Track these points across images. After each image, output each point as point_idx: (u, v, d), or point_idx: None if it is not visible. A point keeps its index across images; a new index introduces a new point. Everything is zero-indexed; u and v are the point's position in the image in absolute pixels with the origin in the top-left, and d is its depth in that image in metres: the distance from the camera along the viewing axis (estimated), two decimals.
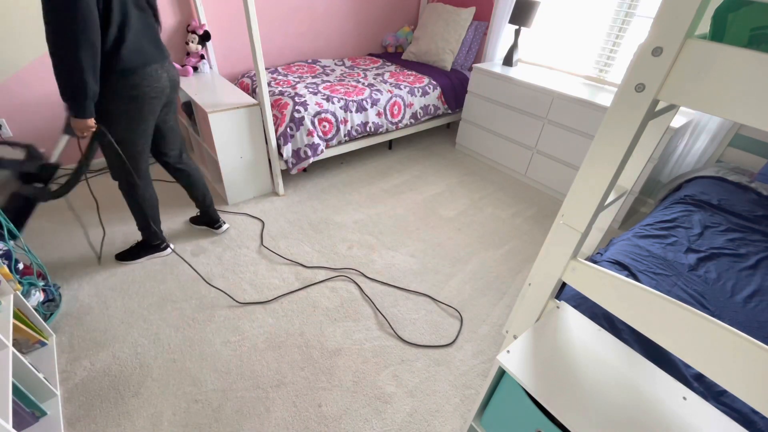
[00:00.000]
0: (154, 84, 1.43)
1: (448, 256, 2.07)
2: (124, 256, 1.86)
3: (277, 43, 2.99)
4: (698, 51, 0.59)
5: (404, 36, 3.54)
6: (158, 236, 1.84)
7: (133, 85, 1.38)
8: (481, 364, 1.54)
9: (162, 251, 1.90)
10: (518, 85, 2.62)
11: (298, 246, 2.06)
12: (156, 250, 1.89)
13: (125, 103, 1.40)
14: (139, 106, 1.43)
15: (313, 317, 1.68)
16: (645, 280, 1.31)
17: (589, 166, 0.78)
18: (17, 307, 1.34)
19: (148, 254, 1.88)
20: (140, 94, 1.41)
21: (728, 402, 0.98)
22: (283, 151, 2.30)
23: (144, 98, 1.43)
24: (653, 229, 1.62)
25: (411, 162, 2.97)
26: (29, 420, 1.18)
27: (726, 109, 0.59)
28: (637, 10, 2.38)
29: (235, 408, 1.34)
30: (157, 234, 1.83)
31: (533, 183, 2.80)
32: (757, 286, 1.36)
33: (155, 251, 1.89)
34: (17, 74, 2.11)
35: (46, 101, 2.25)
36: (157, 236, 1.84)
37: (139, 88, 1.40)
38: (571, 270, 0.89)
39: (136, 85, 1.39)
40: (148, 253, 1.88)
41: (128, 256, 1.86)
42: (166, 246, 1.91)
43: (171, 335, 1.56)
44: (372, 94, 2.58)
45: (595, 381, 0.87)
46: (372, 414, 1.35)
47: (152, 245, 1.87)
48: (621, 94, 0.69)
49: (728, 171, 2.05)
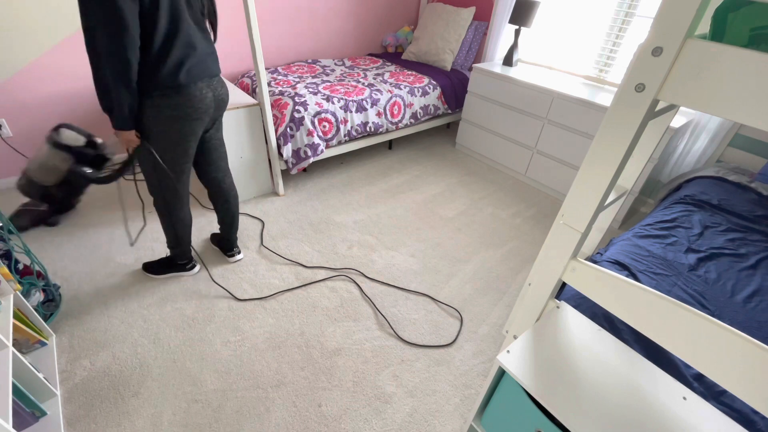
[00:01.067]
0: (197, 105, 1.34)
1: (448, 256, 2.07)
2: (150, 267, 1.80)
3: (277, 43, 2.99)
4: (698, 51, 0.59)
5: (404, 36, 3.54)
6: (186, 256, 1.79)
7: (174, 105, 1.30)
8: (481, 364, 1.54)
9: (187, 271, 1.83)
10: (518, 85, 2.62)
11: (298, 246, 2.06)
12: (181, 269, 1.82)
13: (165, 123, 1.32)
14: (179, 126, 1.35)
15: (313, 317, 1.68)
16: (645, 280, 1.31)
17: (589, 166, 0.78)
18: (17, 307, 1.34)
19: (172, 272, 1.81)
20: (181, 115, 1.33)
21: (728, 402, 0.98)
22: (283, 151, 2.30)
23: (185, 119, 1.34)
24: (653, 229, 1.62)
25: (411, 162, 2.97)
26: (29, 420, 1.18)
27: (726, 109, 0.59)
28: (637, 10, 2.38)
29: (235, 408, 1.34)
30: (185, 254, 1.78)
31: (533, 183, 2.80)
32: (757, 286, 1.36)
33: (180, 270, 1.82)
34: (17, 74, 2.11)
35: (47, 101, 2.25)
36: (184, 255, 1.78)
37: (181, 108, 1.31)
38: (571, 270, 0.89)
39: (178, 106, 1.30)
40: (173, 270, 1.81)
41: (154, 269, 1.80)
42: (192, 266, 1.84)
43: (171, 335, 1.56)
44: (372, 94, 2.58)
45: (595, 381, 0.87)
46: (372, 414, 1.35)
47: (178, 264, 1.80)
48: (621, 94, 0.69)
49: (728, 171, 2.05)
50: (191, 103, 1.33)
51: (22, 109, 2.20)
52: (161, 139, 1.36)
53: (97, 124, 2.47)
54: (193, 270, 1.84)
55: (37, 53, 2.11)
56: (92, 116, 2.43)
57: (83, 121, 2.41)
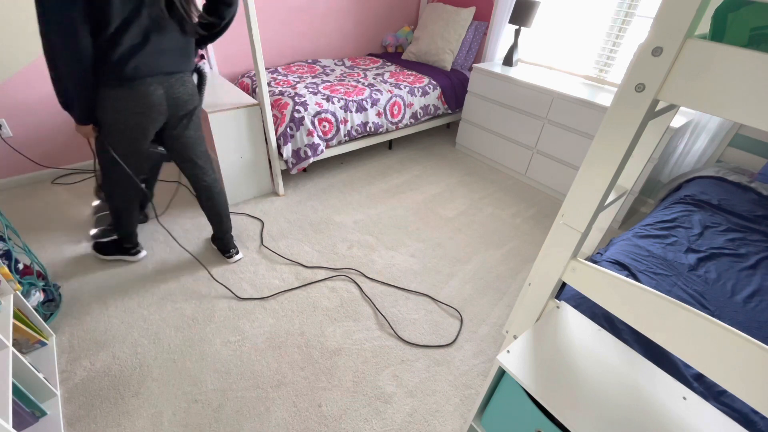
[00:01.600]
0: (143, 101, 1.35)
1: (448, 256, 2.07)
2: (99, 247, 1.86)
3: (277, 43, 2.99)
4: (698, 51, 0.59)
5: (404, 36, 3.54)
6: (131, 241, 1.84)
7: (120, 97, 1.31)
8: (481, 364, 1.54)
9: (131, 255, 1.88)
10: (518, 85, 2.62)
11: (298, 246, 2.06)
12: (126, 252, 1.87)
13: (111, 115, 1.35)
14: (125, 119, 1.37)
15: (313, 317, 1.68)
16: (645, 280, 1.31)
17: (589, 166, 0.78)
18: (17, 307, 1.34)
19: (117, 255, 1.87)
20: (127, 109, 1.34)
21: (728, 402, 0.98)
22: (283, 151, 2.30)
23: (131, 113, 1.36)
24: (653, 229, 1.62)
25: (411, 162, 2.97)
26: (29, 420, 1.18)
27: (726, 109, 0.59)
28: (637, 10, 2.38)
29: (235, 408, 1.34)
30: (131, 239, 1.83)
31: (533, 183, 2.80)
32: (757, 286, 1.36)
33: (125, 254, 1.87)
34: (17, 74, 2.11)
35: (47, 101, 2.25)
36: (130, 240, 1.84)
37: (126, 102, 1.33)
38: (571, 270, 0.89)
39: (123, 99, 1.32)
40: (119, 253, 1.87)
41: (102, 249, 1.86)
42: (137, 251, 1.89)
43: (171, 335, 1.56)
44: (372, 94, 2.58)
45: (595, 381, 0.87)
46: (372, 414, 1.35)
47: (124, 247, 1.85)
48: (621, 94, 0.69)
49: (728, 171, 2.05)
50: (136, 98, 1.33)
51: (22, 109, 2.20)
52: (111, 131, 1.40)
53: None
54: (138, 255, 1.89)
55: (37, 53, 2.11)
56: None
57: None
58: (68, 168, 2.49)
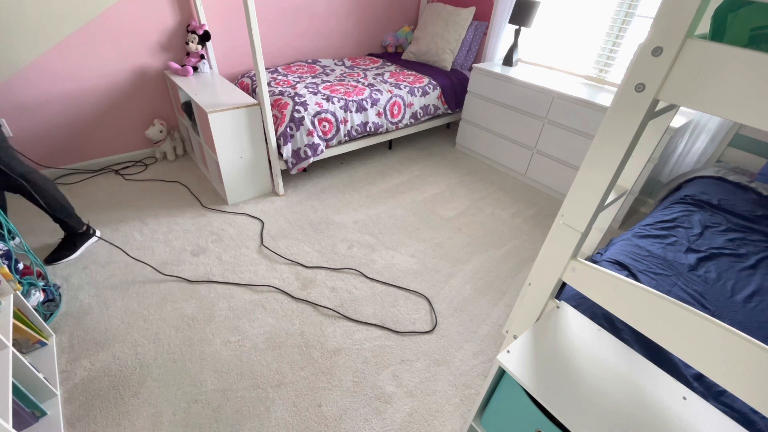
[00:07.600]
0: None
1: (448, 256, 2.07)
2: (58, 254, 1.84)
3: (277, 43, 2.99)
4: (698, 51, 0.59)
5: (404, 36, 3.54)
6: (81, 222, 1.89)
7: None
8: (481, 364, 1.54)
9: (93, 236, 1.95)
10: (518, 85, 2.62)
11: (298, 246, 2.06)
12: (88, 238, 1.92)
13: None
14: None
15: (313, 317, 1.68)
16: (645, 280, 1.31)
17: (589, 166, 0.78)
18: (17, 307, 1.34)
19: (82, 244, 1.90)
20: None
21: (728, 402, 0.98)
22: (283, 151, 2.30)
23: None
24: (653, 229, 1.62)
25: (411, 162, 2.97)
26: (29, 420, 1.18)
27: (726, 109, 0.59)
28: (637, 10, 2.38)
29: (235, 408, 1.34)
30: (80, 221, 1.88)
31: (533, 183, 2.80)
32: (757, 286, 1.36)
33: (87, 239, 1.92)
34: (17, 74, 2.11)
35: (47, 101, 2.25)
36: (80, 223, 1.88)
37: None
38: (571, 270, 0.89)
39: None
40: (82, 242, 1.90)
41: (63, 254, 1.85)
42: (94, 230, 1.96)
43: (171, 335, 1.56)
44: (372, 94, 2.58)
45: (595, 381, 0.87)
46: (372, 414, 1.35)
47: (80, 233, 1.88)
48: (621, 94, 0.69)
49: (728, 171, 2.05)
50: None
51: (22, 109, 2.20)
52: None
53: (98, 122, 2.47)
54: (98, 233, 1.96)
55: (37, 53, 2.11)
56: (93, 115, 2.44)
57: (83, 121, 2.41)
58: (68, 168, 2.49)
